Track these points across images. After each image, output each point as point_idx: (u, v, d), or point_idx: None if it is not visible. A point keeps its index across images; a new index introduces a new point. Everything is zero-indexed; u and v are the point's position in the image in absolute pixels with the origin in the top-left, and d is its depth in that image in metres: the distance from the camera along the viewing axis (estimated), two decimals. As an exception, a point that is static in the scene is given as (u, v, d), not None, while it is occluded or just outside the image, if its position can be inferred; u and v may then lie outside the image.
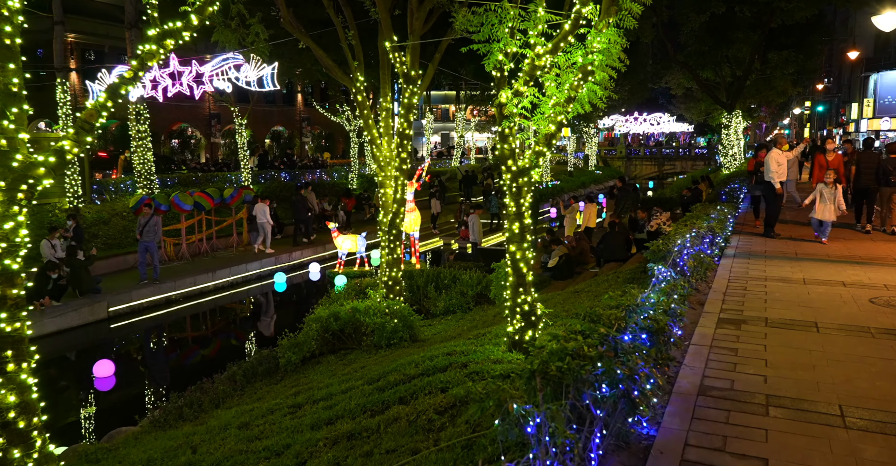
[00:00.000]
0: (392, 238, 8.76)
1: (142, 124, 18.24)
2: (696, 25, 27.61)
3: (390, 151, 8.89)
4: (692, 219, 9.22)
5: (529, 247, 5.67)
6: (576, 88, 5.51)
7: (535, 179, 5.56)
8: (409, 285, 10.80)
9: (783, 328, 5.78)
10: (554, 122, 5.52)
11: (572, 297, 8.02)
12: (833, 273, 8.14)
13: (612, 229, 12.81)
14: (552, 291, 12.01)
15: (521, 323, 5.67)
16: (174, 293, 14.78)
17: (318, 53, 8.99)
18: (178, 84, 13.59)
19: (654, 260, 7.34)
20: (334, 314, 8.29)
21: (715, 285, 7.49)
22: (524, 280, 5.63)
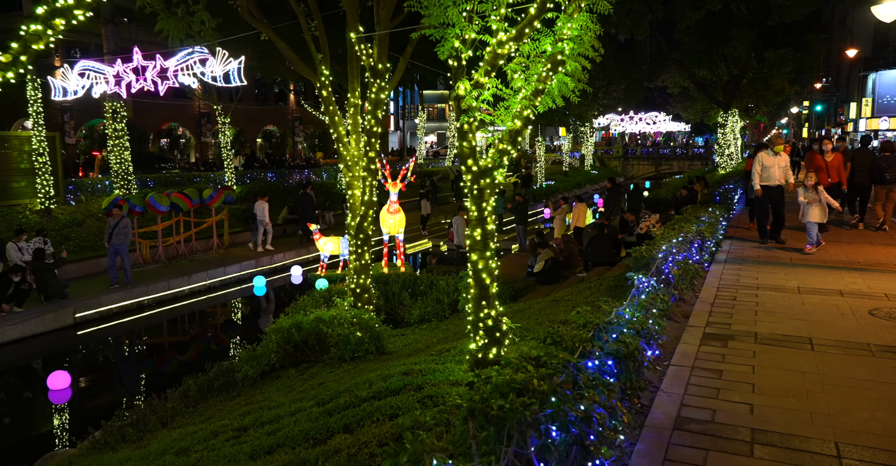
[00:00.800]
0: (360, 243, 8.22)
1: (118, 123, 17.69)
2: (692, 23, 27.09)
3: (358, 150, 8.34)
4: (681, 222, 8.68)
5: (493, 255, 5.13)
6: (544, 80, 4.96)
7: (500, 180, 5.01)
8: (383, 292, 10.26)
9: (774, 345, 5.24)
10: (520, 117, 4.98)
11: (550, 307, 7.49)
12: (830, 281, 7.60)
13: (600, 232, 12.27)
14: (537, 296, 11.47)
15: (484, 340, 5.12)
16: (146, 298, 14.22)
17: (280, 45, 8.44)
18: (142, 80, 13.03)
19: (637, 268, 6.81)
20: (297, 325, 7.74)
21: (702, 294, 6.95)
22: (487, 293, 5.09)
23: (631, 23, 27.87)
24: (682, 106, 49.33)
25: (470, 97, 4.70)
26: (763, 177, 9.95)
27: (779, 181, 9.86)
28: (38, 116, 16.14)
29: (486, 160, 4.97)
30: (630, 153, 60.88)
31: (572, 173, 45.15)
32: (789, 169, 9.96)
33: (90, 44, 33.05)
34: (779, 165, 9.83)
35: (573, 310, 6.61)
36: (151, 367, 11.30)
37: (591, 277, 11.64)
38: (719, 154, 30.14)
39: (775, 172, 9.86)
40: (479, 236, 5.04)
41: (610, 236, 12.27)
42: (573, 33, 4.94)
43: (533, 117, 5.03)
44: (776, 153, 9.92)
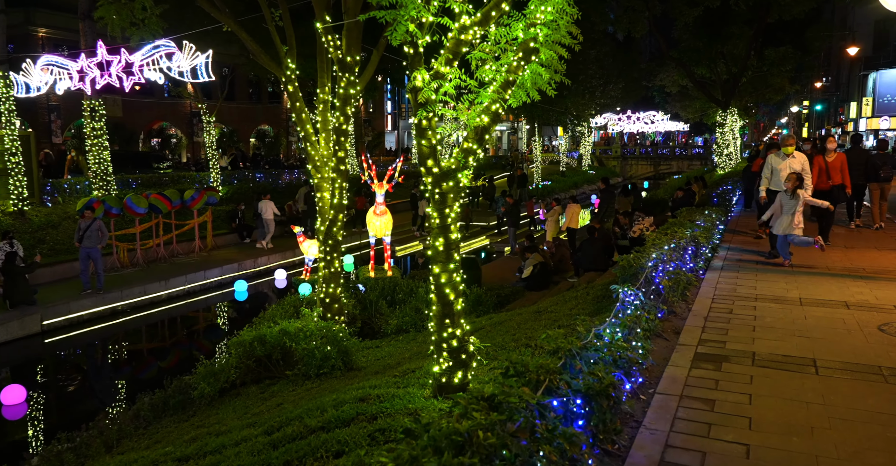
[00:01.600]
0: (329, 249, 7.65)
1: (97, 122, 17.11)
2: (690, 20, 26.60)
3: (328, 150, 7.78)
4: (674, 227, 8.12)
5: (458, 268, 4.56)
6: (515, 70, 4.40)
7: (465, 183, 4.45)
8: (360, 300, 9.70)
9: (774, 367, 4.68)
10: (488, 112, 4.42)
11: (531, 319, 6.93)
12: (834, 290, 7.04)
13: (591, 236, 11.70)
14: (524, 303, 10.91)
15: (448, 362, 4.56)
16: (120, 304, 13.65)
17: (242, 36, 7.87)
18: (107, 75, 12.45)
19: (624, 278, 6.25)
20: (260, 338, 7.18)
21: (695, 306, 6.39)
22: (451, 310, 4.52)
23: (628, 20, 27.35)
24: (680, 105, 48.82)
25: (428, 89, 4.13)
26: (773, 181, 9.00)
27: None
28: (10, 115, 15.56)
29: (450, 161, 4.41)
30: (628, 153, 60.24)
31: (569, 173, 44.58)
32: (807, 172, 8.77)
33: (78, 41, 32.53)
34: (791, 167, 8.77)
35: (554, 323, 6.05)
36: (118, 378, 10.73)
37: (581, 283, 11.08)
38: (718, 154, 29.59)
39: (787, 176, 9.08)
40: (442, 247, 4.48)
41: (600, 240, 11.71)
42: (547, 18, 4.38)
43: (503, 113, 4.47)
44: (787, 155, 8.96)
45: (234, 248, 19.07)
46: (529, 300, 11.21)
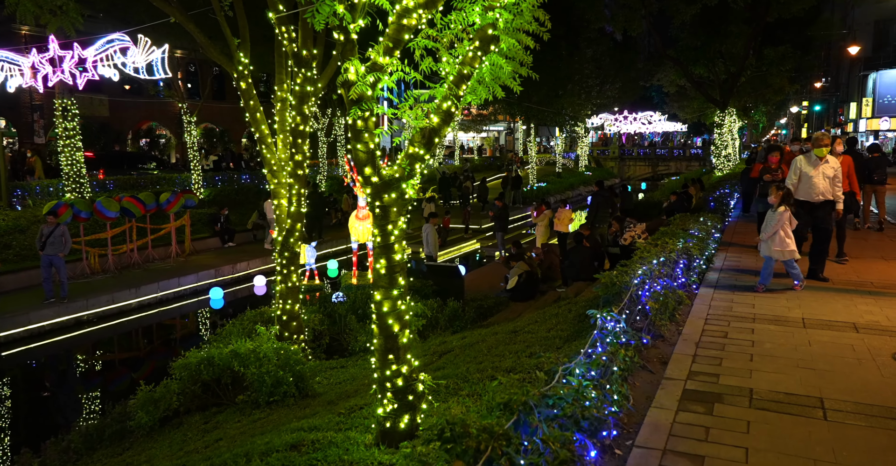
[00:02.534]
0: (285, 262, 6.98)
1: (69, 121, 16.41)
2: (687, 18, 25.96)
3: (286, 153, 7.11)
4: (665, 237, 7.45)
5: (404, 294, 3.88)
6: (471, 62, 3.73)
7: (411, 194, 3.77)
8: (328, 314, 9.02)
9: (774, 409, 4.01)
10: (438, 112, 3.75)
11: (506, 340, 6.26)
12: (840, 309, 6.37)
13: (579, 243, 11.03)
14: (509, 314, 10.24)
15: (393, 405, 3.88)
16: (86, 314, 12.96)
17: (189, 27, 7.20)
18: (60, 71, 11.77)
19: (607, 298, 5.58)
20: (207, 360, 6.50)
21: (686, 329, 5.72)
22: (395, 343, 3.84)
23: (624, 18, 26.72)
24: (678, 105, 48.18)
25: (363, 84, 3.46)
26: (801, 191, 7.54)
27: (823, 196, 7.44)
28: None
29: (392, 169, 3.73)
30: (626, 154, 59.56)
31: (566, 175, 43.94)
32: (840, 179, 7.51)
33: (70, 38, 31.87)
34: (824, 173, 7.40)
35: (527, 350, 5.37)
36: (71, 396, 10.04)
37: (569, 294, 10.41)
38: (716, 155, 28.94)
39: (819, 184, 7.44)
40: (384, 270, 3.80)
41: (590, 248, 11.04)
42: (509, 0, 3.71)
43: (456, 111, 3.80)
44: (821, 158, 7.43)
45: (214, 253, 18.40)
46: (514, 311, 10.54)
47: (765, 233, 6.98)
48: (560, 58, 34.37)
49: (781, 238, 6.85)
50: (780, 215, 6.84)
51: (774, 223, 6.85)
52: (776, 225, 6.83)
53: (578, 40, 35.89)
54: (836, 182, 7.48)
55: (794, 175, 7.65)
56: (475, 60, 3.75)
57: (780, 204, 6.89)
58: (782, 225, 6.81)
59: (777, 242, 6.87)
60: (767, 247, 6.98)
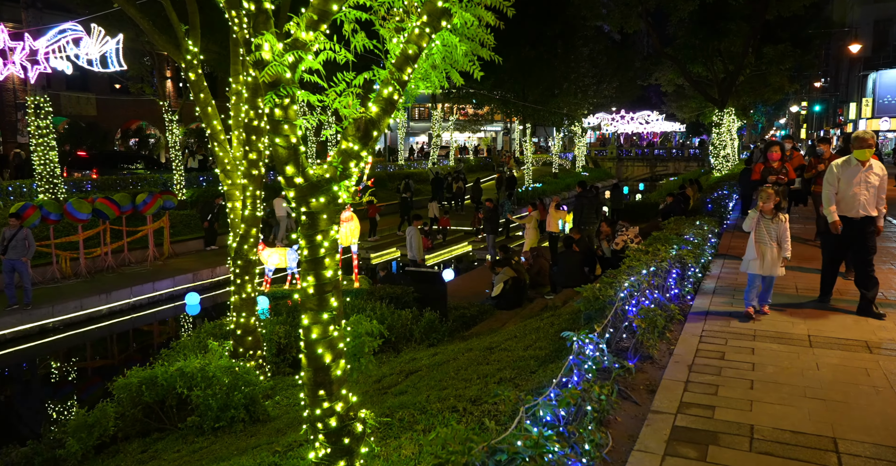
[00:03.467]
0: (239, 271, 6.35)
1: (42, 119, 15.76)
2: (685, 15, 25.41)
3: (240, 151, 6.48)
4: (657, 244, 6.83)
5: (338, 317, 3.25)
6: (418, 40, 3.11)
7: (344, 199, 3.15)
8: (297, 324, 8.38)
9: (780, 454, 3.38)
10: (378, 100, 3.13)
11: (479, 359, 5.63)
12: (850, 324, 5.75)
13: (568, 248, 10.41)
14: (492, 324, 9.63)
15: (325, 449, 3.25)
16: (51, 321, 12.31)
17: (131, 12, 6.58)
18: (10, 63, 11.14)
19: (589, 314, 4.95)
20: (149, 380, 5.87)
21: (679, 348, 5.09)
22: (328, 376, 3.21)
23: (620, 15, 26.14)
24: (676, 105, 47.65)
25: (279, 64, 2.84)
26: (842, 203, 6.09)
27: (865, 210, 6.12)
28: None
29: (321, 168, 3.10)
30: (624, 154, 58.93)
31: (562, 175, 43.32)
32: (885, 188, 6.22)
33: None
34: (867, 182, 6.00)
35: (497, 374, 4.76)
36: (27, 411, 9.40)
37: (557, 302, 9.80)
38: (714, 155, 28.34)
39: (861, 196, 6.01)
40: (313, 289, 3.17)
41: (579, 253, 10.42)
42: (462, -34, 3.09)
43: (399, 99, 3.18)
44: (862, 162, 6.03)
45: (195, 256, 17.76)
46: (498, 320, 9.92)
47: (786, 249, 5.83)
48: (556, 56, 33.78)
49: (775, 252, 5.84)
50: (781, 222, 5.84)
51: (775, 232, 5.82)
52: (778, 230, 5.84)
53: (574, 38, 35.31)
54: (880, 193, 6.09)
55: (830, 185, 6.11)
56: (423, 38, 3.13)
57: (776, 211, 5.87)
58: (782, 232, 5.86)
59: (776, 254, 5.83)
60: (770, 263, 5.83)
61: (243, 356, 6.36)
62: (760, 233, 5.89)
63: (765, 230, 5.88)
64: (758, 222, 5.92)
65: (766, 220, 5.87)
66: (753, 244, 5.95)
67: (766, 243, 5.87)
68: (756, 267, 5.87)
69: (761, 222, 5.89)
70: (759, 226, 5.90)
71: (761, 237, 5.88)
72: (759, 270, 5.85)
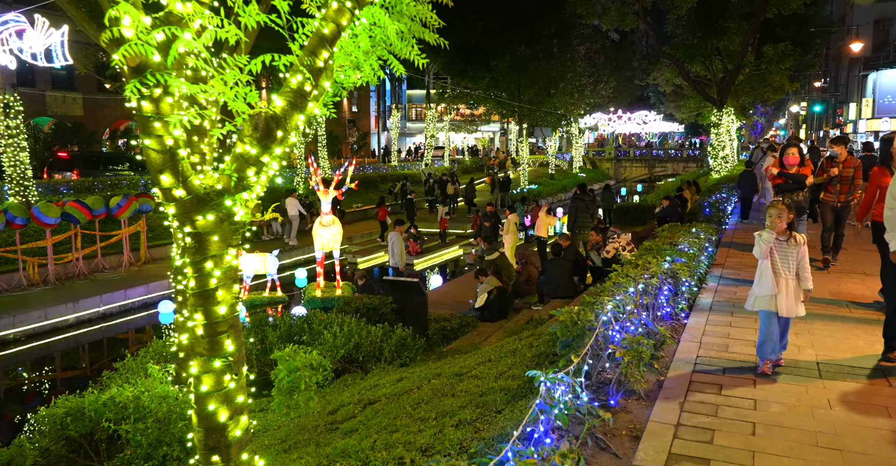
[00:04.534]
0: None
1: (12, 119, 15.12)
2: (683, 12, 24.82)
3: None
4: (648, 255, 6.18)
5: (237, 364, 2.60)
6: (337, 18, 2.46)
7: (243, 216, 2.50)
8: (261, 339, 7.74)
9: (789, 530, 2.74)
10: (285, 91, 2.48)
11: (445, 388, 4.99)
12: (862, 346, 5.11)
13: (557, 255, 9.76)
14: (473, 338, 8.99)
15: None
16: (11, 332, 11.66)
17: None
18: None
19: (565, 342, 4.31)
20: (76, 412, 5.21)
21: (670, 380, 4.44)
22: (223, 439, 2.57)
23: (617, 12, 25.54)
24: (675, 105, 47.11)
25: (142, 44, 2.19)
26: None
27: None
28: None
29: (210, 177, 2.46)
30: (622, 155, 58.31)
31: (559, 176, 42.66)
32: None
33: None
34: None
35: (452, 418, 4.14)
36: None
37: (544, 314, 9.16)
38: (713, 156, 27.74)
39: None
40: (202, 329, 2.53)
41: (569, 261, 9.77)
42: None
43: (313, 91, 2.53)
44: None
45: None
46: (480, 334, 9.28)
47: (807, 279, 4.53)
48: (552, 55, 33.18)
49: (795, 288, 4.52)
50: (801, 248, 4.54)
51: (794, 256, 4.52)
52: (796, 256, 4.52)
53: (571, 37, 34.71)
54: None
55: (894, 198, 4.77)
56: (342, 14, 2.48)
57: (790, 230, 4.56)
58: (801, 259, 4.54)
59: (794, 290, 4.51)
60: (790, 301, 4.49)
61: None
62: (775, 261, 4.55)
63: (779, 257, 4.55)
64: (769, 246, 4.57)
65: (779, 243, 4.58)
66: (767, 276, 4.53)
67: (782, 273, 4.52)
68: (771, 305, 4.49)
69: (775, 247, 4.58)
70: (772, 252, 4.57)
71: (777, 266, 4.54)
72: (776, 308, 4.47)
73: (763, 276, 4.59)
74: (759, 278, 4.65)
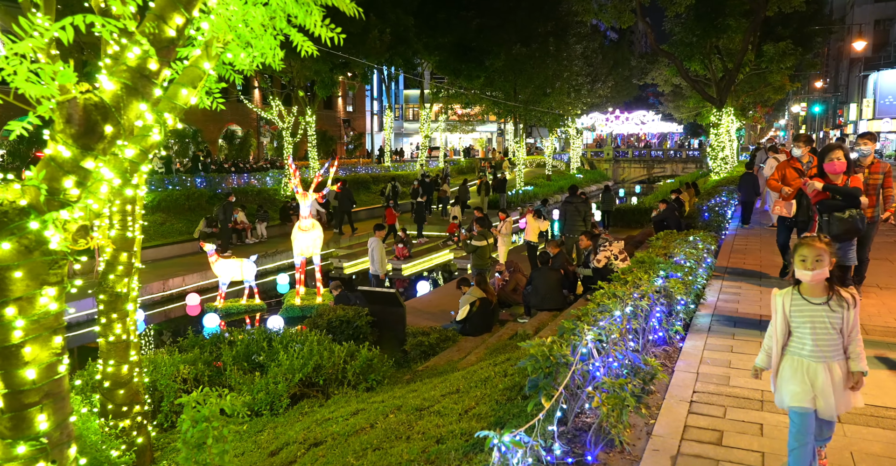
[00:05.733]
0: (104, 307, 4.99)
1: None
2: (682, 10, 24.18)
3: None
4: (640, 270, 5.48)
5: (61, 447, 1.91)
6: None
7: (61, 245, 1.81)
8: (217, 358, 7.04)
9: None
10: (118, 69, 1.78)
11: (403, 427, 4.29)
12: (886, 380, 4.43)
13: (544, 264, 9.07)
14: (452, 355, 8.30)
15: None
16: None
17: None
18: None
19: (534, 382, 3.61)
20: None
21: (660, 426, 3.74)
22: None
23: (614, 9, 24.90)
24: (673, 105, 46.47)
25: None
26: None
27: None
28: None
29: (8, 189, 1.76)
30: (621, 155, 57.65)
31: (556, 177, 41.97)
32: None
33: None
34: None
35: None
36: None
37: (529, 328, 8.46)
38: (712, 157, 27.09)
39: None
40: (3, 401, 1.83)
41: (557, 271, 9.08)
42: None
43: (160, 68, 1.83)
44: None
45: (149, 266, 16.38)
46: (461, 350, 8.59)
47: (860, 357, 2.91)
48: (548, 54, 32.52)
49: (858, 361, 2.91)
50: (852, 312, 2.88)
51: (853, 330, 2.90)
52: (847, 319, 2.87)
53: (567, 36, 34.06)
54: None
55: None
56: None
57: (832, 286, 2.90)
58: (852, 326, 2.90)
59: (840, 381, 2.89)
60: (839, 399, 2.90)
61: (116, 415, 5.02)
62: (802, 338, 2.91)
63: (813, 330, 2.87)
64: (790, 314, 2.93)
65: (813, 307, 2.88)
66: (794, 368, 2.93)
67: (819, 355, 2.86)
68: (805, 400, 2.88)
69: (800, 315, 2.91)
70: (796, 324, 2.92)
71: (806, 346, 2.90)
72: (814, 406, 2.88)
73: (788, 368, 2.94)
74: (778, 366, 3.01)
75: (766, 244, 9.79)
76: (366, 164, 40.37)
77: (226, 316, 13.31)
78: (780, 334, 2.98)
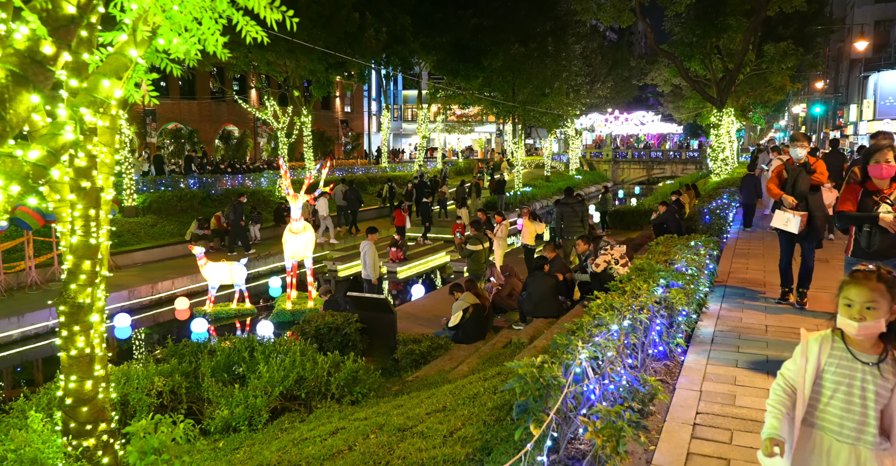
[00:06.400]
0: (65, 319, 4.68)
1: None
2: (682, 9, 23.91)
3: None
4: (639, 279, 5.16)
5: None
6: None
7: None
8: (196, 368, 6.71)
9: None
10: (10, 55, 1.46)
11: (382, 450, 3.98)
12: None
13: (540, 269, 8.75)
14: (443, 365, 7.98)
15: None
16: (-55, 350, 10.65)
17: None
18: None
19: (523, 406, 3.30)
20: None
21: (660, 453, 3.42)
22: None
23: (613, 9, 24.61)
24: (673, 106, 46.17)
25: None
26: None
27: None
28: None
29: None
30: (620, 156, 57.34)
31: (554, 178, 41.65)
32: None
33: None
34: None
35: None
36: None
37: (524, 337, 8.14)
38: (713, 158, 26.78)
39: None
40: None
41: (553, 276, 8.75)
42: None
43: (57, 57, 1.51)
44: None
45: (140, 268, 16.08)
46: (453, 359, 8.26)
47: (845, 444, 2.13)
48: (547, 54, 32.21)
49: None
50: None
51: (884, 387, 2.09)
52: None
53: (566, 35, 33.75)
54: None
55: None
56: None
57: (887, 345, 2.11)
58: None
59: None
60: None
61: (79, 434, 4.70)
62: (830, 404, 2.17)
63: (847, 397, 2.13)
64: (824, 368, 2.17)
65: (858, 366, 2.13)
66: (813, 439, 2.20)
67: (843, 433, 2.13)
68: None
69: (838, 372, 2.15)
70: (828, 385, 2.17)
71: (828, 414, 2.18)
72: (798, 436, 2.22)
73: (808, 437, 2.20)
74: (796, 433, 2.20)
75: (769, 248, 9.48)
76: (363, 164, 40.06)
77: (215, 321, 12.98)
78: (808, 393, 2.14)
